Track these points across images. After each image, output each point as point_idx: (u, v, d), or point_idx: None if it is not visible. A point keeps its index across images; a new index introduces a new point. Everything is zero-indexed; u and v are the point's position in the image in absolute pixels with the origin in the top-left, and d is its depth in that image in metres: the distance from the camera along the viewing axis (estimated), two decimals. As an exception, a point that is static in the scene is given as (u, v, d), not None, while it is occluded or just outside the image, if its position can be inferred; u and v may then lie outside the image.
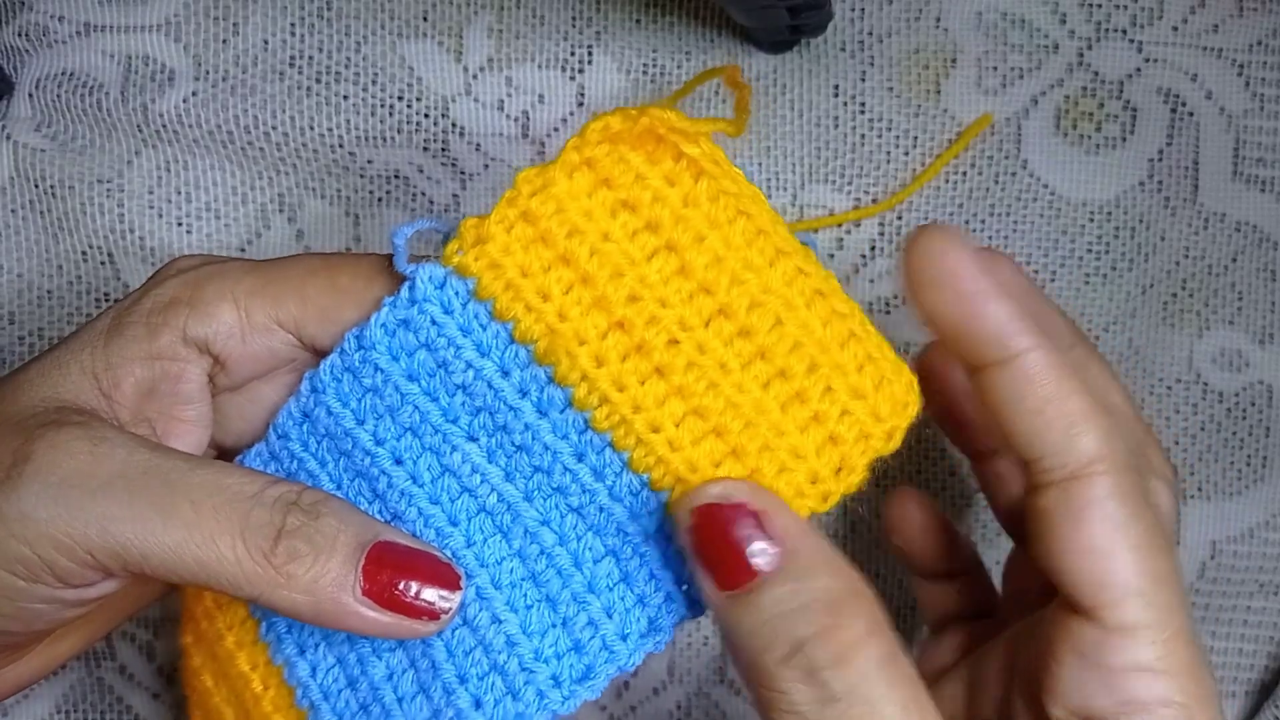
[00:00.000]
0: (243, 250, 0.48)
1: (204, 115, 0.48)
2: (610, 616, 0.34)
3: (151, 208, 0.48)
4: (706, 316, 0.33)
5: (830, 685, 0.29)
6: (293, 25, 0.48)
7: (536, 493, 0.34)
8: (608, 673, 0.34)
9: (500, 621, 0.34)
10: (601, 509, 0.34)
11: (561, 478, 0.33)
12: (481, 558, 0.34)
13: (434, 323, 0.33)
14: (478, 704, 0.34)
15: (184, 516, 0.31)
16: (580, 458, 0.33)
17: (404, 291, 0.34)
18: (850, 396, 0.33)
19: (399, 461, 0.34)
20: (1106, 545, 0.31)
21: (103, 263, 0.48)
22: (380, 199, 0.49)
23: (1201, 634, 0.49)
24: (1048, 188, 0.48)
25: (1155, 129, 0.48)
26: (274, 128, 0.48)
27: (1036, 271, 0.49)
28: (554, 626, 0.34)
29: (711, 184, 0.33)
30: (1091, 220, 0.49)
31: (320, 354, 0.36)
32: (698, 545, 0.31)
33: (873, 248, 0.49)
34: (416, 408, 0.34)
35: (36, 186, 0.48)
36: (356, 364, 0.34)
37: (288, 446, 0.36)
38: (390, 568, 0.32)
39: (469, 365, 0.33)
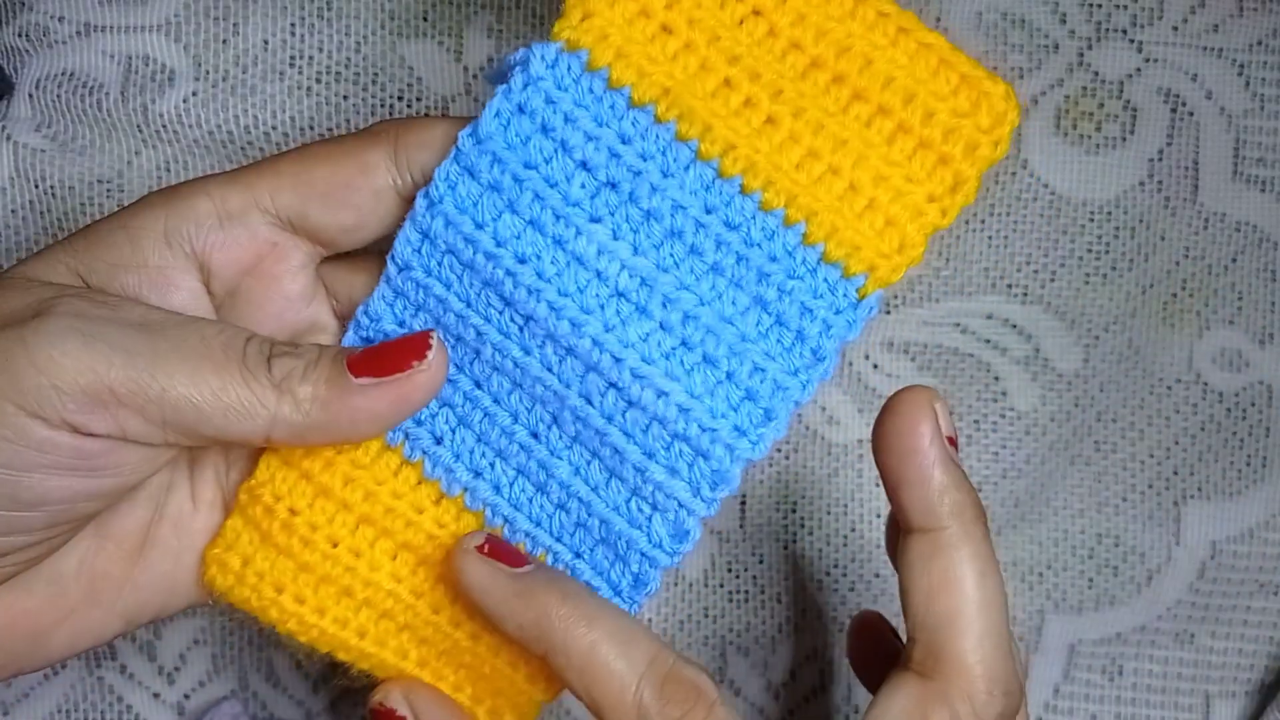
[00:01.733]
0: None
1: (204, 115, 0.48)
2: (774, 359, 0.35)
3: (151, 208, 0.48)
4: (802, 69, 0.35)
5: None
6: (293, 25, 0.48)
7: (670, 259, 0.34)
8: (787, 409, 0.35)
9: (665, 394, 0.34)
10: (740, 258, 0.35)
11: (695, 236, 0.34)
12: (624, 339, 0.34)
13: (549, 101, 0.34)
14: (673, 472, 0.35)
15: (195, 348, 0.33)
16: (710, 210, 0.34)
17: (516, 76, 0.34)
18: (951, 116, 0.35)
19: (522, 260, 0.34)
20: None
21: (102, 263, 0.48)
22: (380, 199, 0.49)
23: (1202, 634, 0.49)
24: (1048, 187, 0.48)
25: (1155, 129, 0.48)
26: (274, 128, 0.48)
27: (1036, 271, 0.49)
28: (721, 383, 0.34)
29: None
30: (1091, 220, 0.49)
31: (300, 230, 0.37)
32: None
33: (872, 248, 0.49)
34: (537, 195, 0.34)
35: (36, 187, 0.48)
36: (473, 160, 0.34)
37: (411, 276, 0.36)
38: (367, 354, 0.34)
39: (589, 138, 0.34)
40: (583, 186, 0.34)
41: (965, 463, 0.49)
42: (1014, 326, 0.49)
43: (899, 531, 0.36)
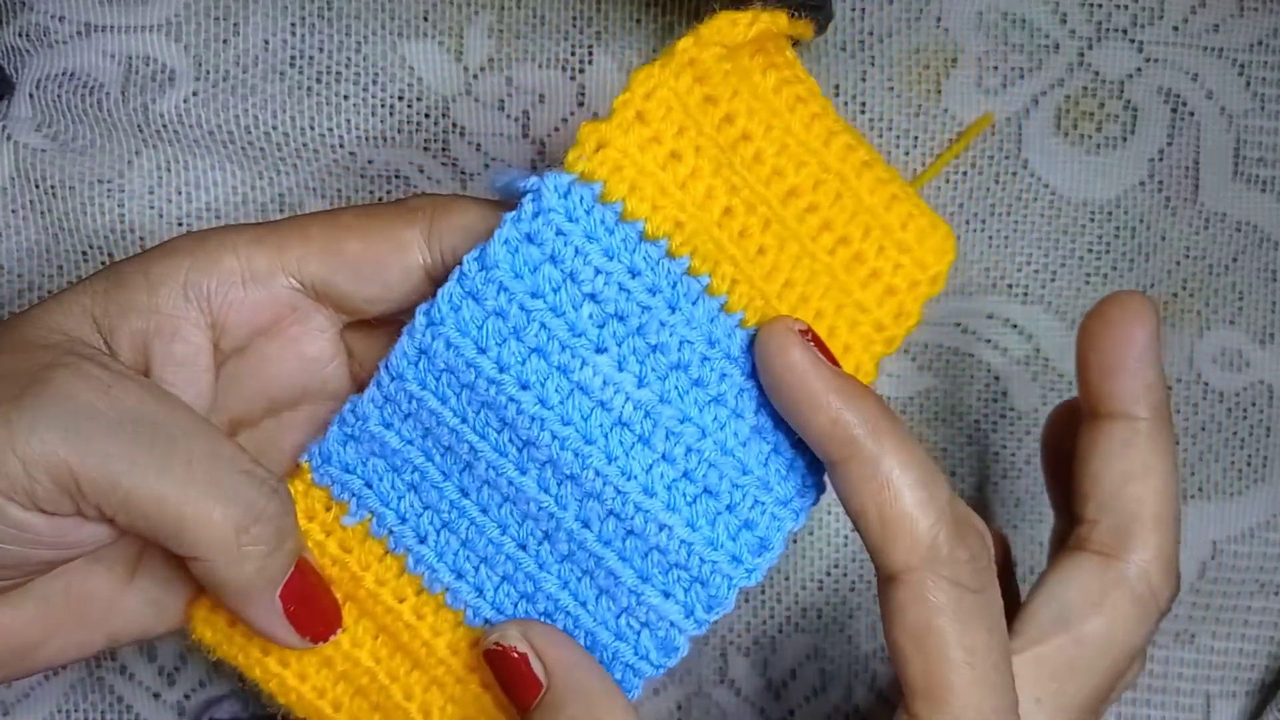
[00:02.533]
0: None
1: (204, 115, 0.48)
2: (769, 489, 0.35)
3: (152, 208, 0.48)
4: (782, 196, 0.35)
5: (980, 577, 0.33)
6: (293, 25, 0.48)
7: (673, 391, 0.34)
8: (780, 537, 0.35)
9: (667, 527, 0.34)
10: (740, 390, 0.35)
11: (699, 369, 0.34)
12: (627, 470, 0.34)
13: (559, 233, 0.33)
14: (668, 595, 0.35)
15: (178, 474, 0.33)
16: (714, 343, 0.34)
17: (526, 204, 0.33)
18: (899, 251, 0.36)
19: (525, 386, 0.34)
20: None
21: (103, 263, 0.48)
22: (381, 199, 0.49)
23: (1202, 634, 0.49)
24: (1048, 187, 0.48)
25: (1156, 129, 0.48)
26: (274, 128, 0.48)
27: (1037, 272, 0.49)
28: (720, 514, 0.35)
29: (776, 75, 0.35)
30: (1092, 220, 0.49)
31: (323, 297, 0.36)
32: (496, 677, 0.36)
33: (873, 248, 0.49)
34: (543, 325, 0.34)
35: (37, 187, 0.48)
36: (478, 287, 0.34)
37: (404, 387, 0.35)
38: (309, 583, 0.36)
39: (598, 271, 0.33)
40: (590, 317, 0.34)
41: (966, 462, 0.49)
42: (1014, 326, 0.49)
43: (1062, 427, 0.38)
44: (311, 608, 0.36)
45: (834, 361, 0.34)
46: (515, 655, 0.35)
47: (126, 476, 0.32)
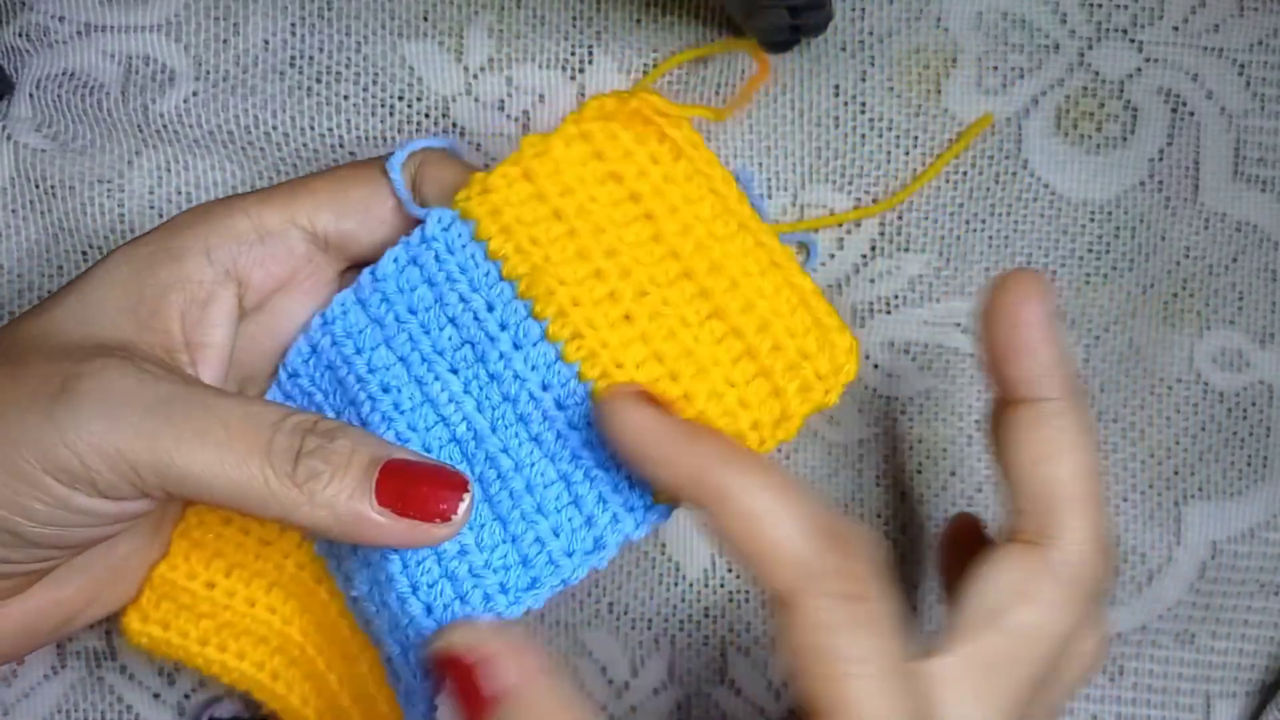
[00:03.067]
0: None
1: (204, 115, 0.48)
2: (557, 536, 0.37)
3: (152, 208, 0.48)
4: (673, 277, 0.37)
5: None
6: (293, 25, 0.48)
7: (500, 421, 0.37)
8: (552, 584, 0.36)
9: (456, 545, 0.37)
10: (559, 435, 0.37)
11: (526, 405, 0.37)
12: None
13: (437, 260, 0.38)
14: (429, 610, 0.36)
15: (218, 438, 0.34)
16: (546, 387, 0.37)
17: (416, 231, 0.38)
18: (795, 355, 0.37)
19: (386, 389, 0.38)
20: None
21: (103, 263, 0.48)
22: (380, 199, 0.49)
23: (1202, 634, 0.49)
24: (1048, 187, 0.48)
25: (1156, 129, 0.48)
26: (274, 128, 0.48)
27: (1037, 272, 0.49)
28: (503, 542, 0.37)
29: (688, 164, 0.38)
30: (1092, 220, 0.49)
31: (332, 247, 0.40)
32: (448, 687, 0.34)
33: (873, 247, 0.49)
34: (410, 337, 0.38)
35: (37, 187, 0.48)
36: (366, 295, 0.39)
37: (298, 383, 0.40)
38: (401, 479, 0.35)
39: (461, 299, 0.38)
40: (449, 339, 0.38)
41: (966, 463, 0.49)
42: (1014, 326, 0.49)
43: (999, 427, 0.37)
44: (417, 493, 0.35)
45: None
46: (466, 663, 0.34)
47: (177, 454, 0.34)
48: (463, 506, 0.35)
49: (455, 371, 0.38)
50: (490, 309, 0.37)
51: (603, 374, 0.37)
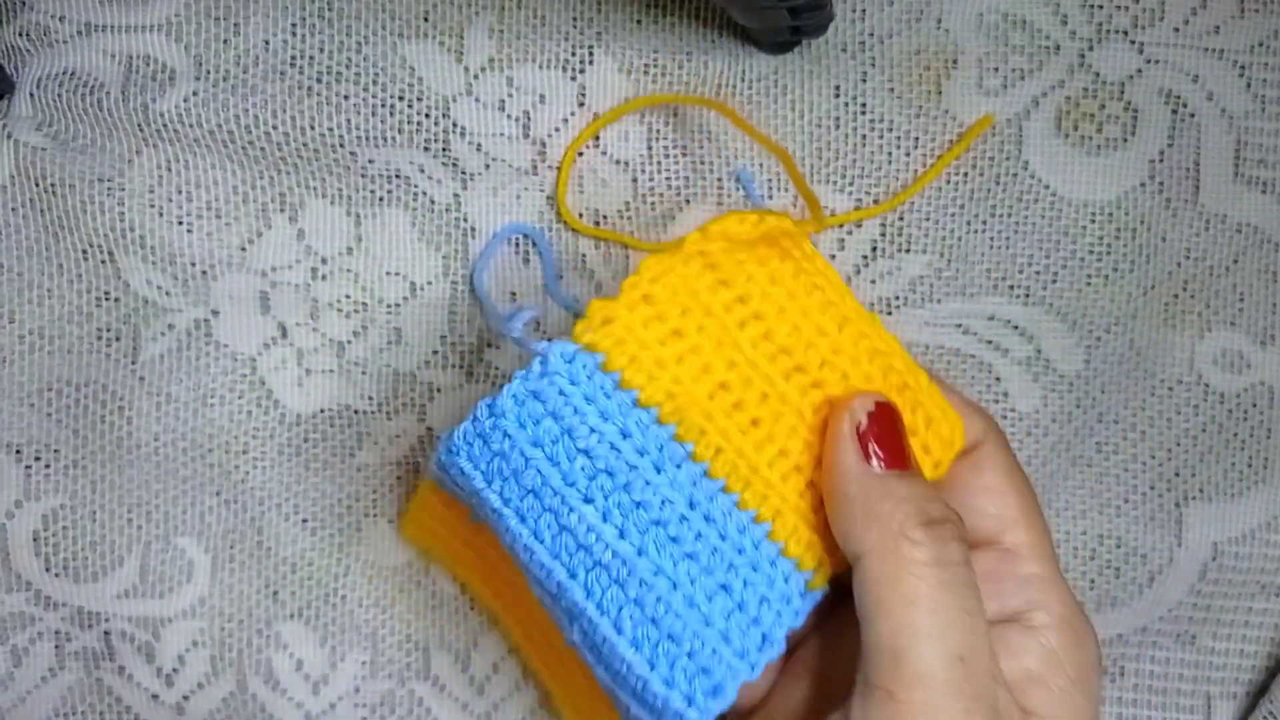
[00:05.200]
0: (244, 249, 0.48)
1: (205, 115, 0.48)
2: (728, 641, 0.37)
3: (152, 206, 0.48)
4: (786, 372, 0.38)
5: (950, 556, 0.35)
6: (294, 25, 0.48)
7: (651, 544, 0.37)
8: (735, 685, 0.37)
9: (629, 663, 0.37)
10: (714, 550, 0.37)
11: (678, 527, 0.37)
12: (602, 606, 0.37)
13: (561, 393, 0.37)
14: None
15: None
16: (694, 505, 0.37)
17: (535, 365, 0.38)
18: (910, 433, 0.38)
19: (522, 519, 0.38)
20: (1001, 485, 0.39)
21: (103, 261, 0.48)
22: (381, 199, 0.49)
23: (1203, 635, 0.49)
24: (1049, 189, 0.48)
25: (1156, 130, 0.48)
26: (275, 127, 0.48)
27: (1038, 273, 0.49)
28: (680, 658, 0.37)
29: (793, 264, 0.39)
30: (1093, 221, 0.49)
31: None
32: (874, 430, 0.37)
33: (874, 248, 0.49)
34: (539, 471, 0.37)
35: (37, 185, 0.48)
36: (487, 430, 0.38)
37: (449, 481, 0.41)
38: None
39: (593, 430, 0.37)
40: (582, 469, 0.37)
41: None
42: (1016, 327, 0.49)
43: None
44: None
45: (899, 444, 0.37)
46: (899, 420, 0.38)
47: None
48: None
49: (590, 501, 0.37)
50: (626, 436, 0.37)
51: (746, 484, 0.38)
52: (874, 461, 0.37)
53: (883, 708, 0.34)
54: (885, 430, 0.37)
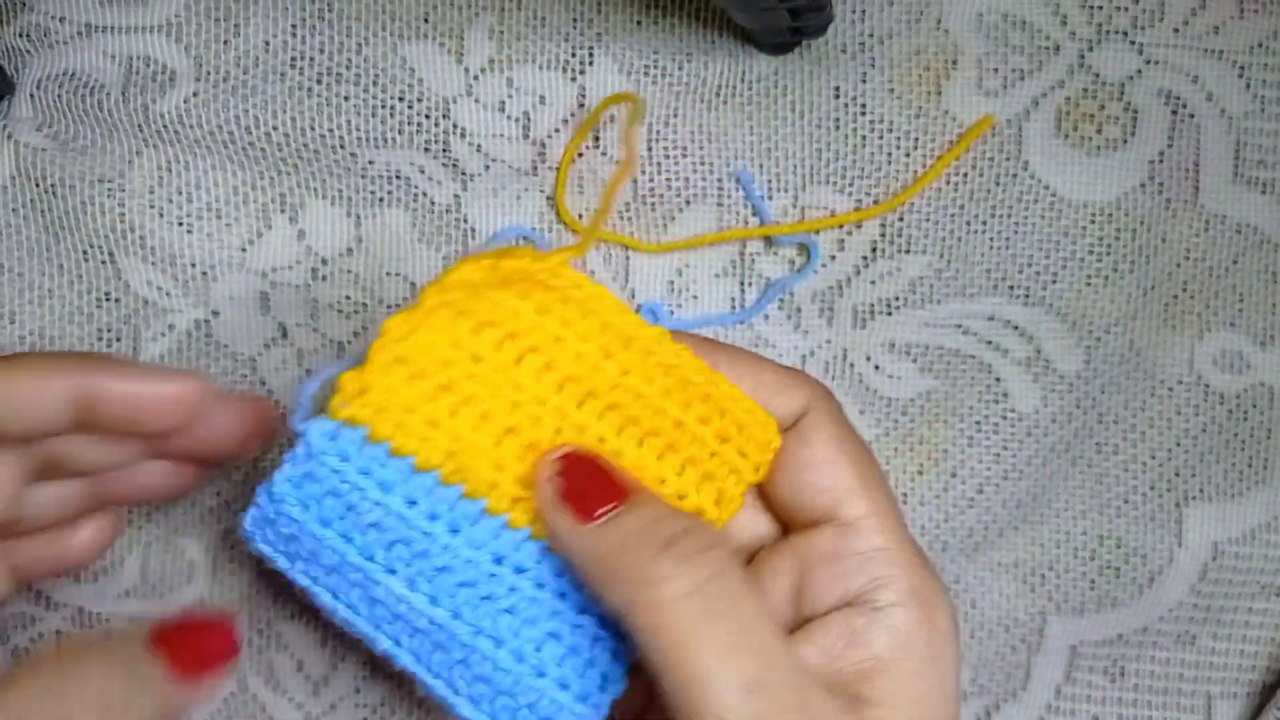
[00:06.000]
0: (244, 250, 0.48)
1: (205, 115, 0.48)
2: (566, 688, 0.36)
3: (152, 207, 0.48)
4: (578, 400, 0.37)
5: (706, 565, 0.33)
6: (294, 26, 0.48)
7: (465, 606, 0.36)
8: None
9: (470, 712, 0.36)
10: (532, 600, 0.36)
11: (488, 585, 0.36)
12: (432, 669, 0.36)
13: (335, 471, 0.35)
14: None
15: None
16: (500, 560, 0.36)
17: (300, 448, 0.36)
18: (716, 441, 0.37)
19: (335, 595, 0.37)
20: (832, 455, 0.37)
21: (103, 262, 0.48)
22: (382, 199, 0.49)
23: (1203, 635, 0.49)
24: (1049, 189, 0.48)
25: (1156, 131, 0.48)
26: (275, 128, 0.48)
27: (1038, 273, 0.49)
28: (520, 711, 0.36)
29: (558, 293, 0.37)
30: (1092, 222, 0.49)
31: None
32: (563, 488, 0.35)
33: (874, 249, 0.49)
34: (333, 550, 0.36)
35: (37, 186, 0.48)
36: (271, 516, 0.36)
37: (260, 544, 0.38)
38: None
39: (376, 504, 0.35)
40: (375, 542, 0.36)
41: (966, 464, 0.49)
42: (1015, 328, 0.49)
43: None
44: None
45: (604, 481, 0.35)
46: (592, 459, 0.36)
47: None
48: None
49: (393, 572, 0.36)
50: (412, 504, 0.36)
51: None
52: (590, 513, 0.35)
53: None
54: (583, 476, 0.35)
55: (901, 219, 0.49)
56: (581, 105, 0.48)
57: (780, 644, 0.33)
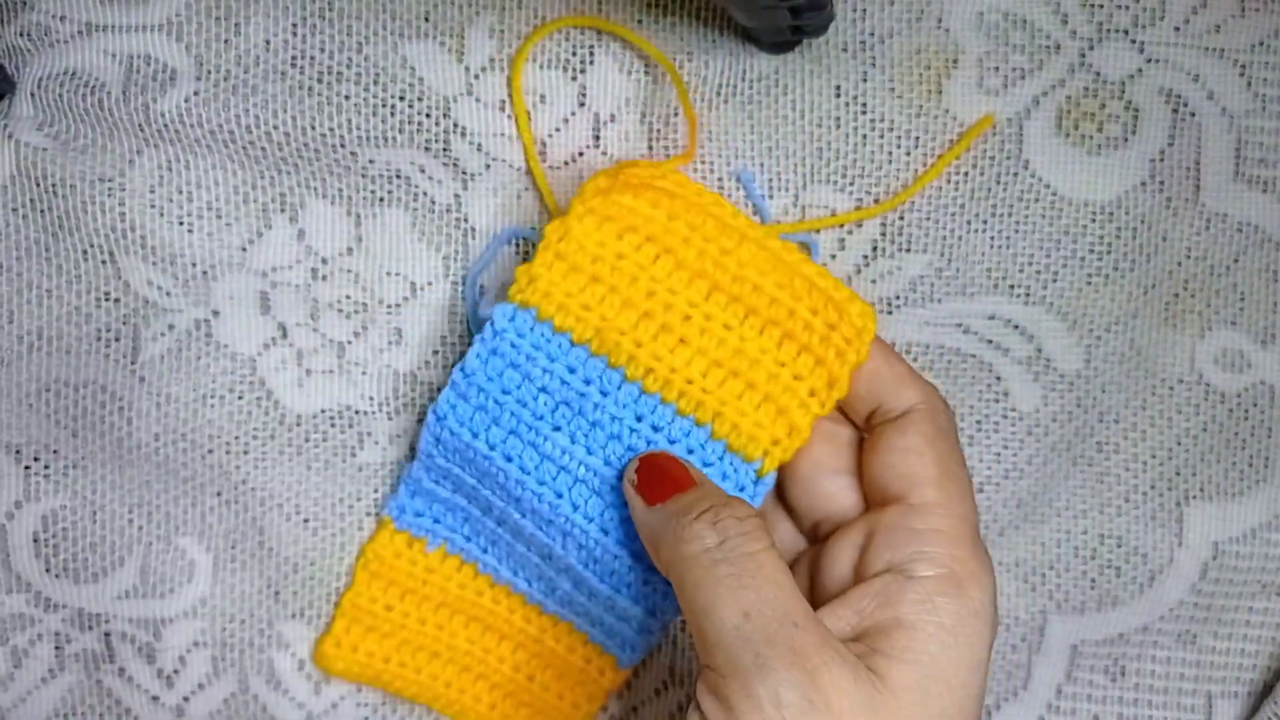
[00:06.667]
0: (244, 249, 0.48)
1: (205, 115, 0.48)
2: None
3: (153, 206, 0.48)
4: (705, 293, 0.44)
5: (729, 528, 0.39)
6: (294, 25, 0.48)
7: (613, 455, 0.44)
8: None
9: (619, 556, 0.45)
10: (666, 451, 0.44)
11: (630, 438, 0.44)
12: (588, 514, 0.44)
13: (513, 346, 0.45)
14: (632, 600, 0.46)
15: None
16: (640, 418, 0.44)
17: (486, 329, 0.45)
18: (824, 328, 0.44)
19: (509, 459, 0.45)
20: (920, 448, 0.41)
21: (104, 262, 0.48)
22: (382, 199, 0.49)
23: (1203, 634, 0.49)
24: (1049, 188, 0.49)
25: (1157, 129, 0.48)
26: (275, 127, 0.48)
27: (1039, 272, 0.49)
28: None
29: (682, 201, 0.45)
30: (1093, 221, 0.49)
31: None
32: (637, 481, 0.43)
33: (874, 248, 0.49)
34: (512, 413, 0.45)
35: (38, 185, 0.48)
36: (464, 389, 0.45)
37: (434, 461, 0.47)
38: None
39: (545, 370, 0.44)
40: (545, 404, 0.45)
41: (967, 463, 0.49)
42: (1016, 327, 0.49)
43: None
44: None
45: (667, 478, 0.43)
46: (662, 459, 0.43)
47: None
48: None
49: (559, 429, 0.44)
50: (572, 370, 0.44)
51: (679, 394, 0.44)
52: (655, 497, 0.42)
53: (705, 680, 0.38)
54: (653, 475, 0.42)
55: (902, 218, 0.49)
56: (582, 105, 0.48)
57: (779, 588, 0.38)
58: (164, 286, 0.48)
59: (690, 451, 0.44)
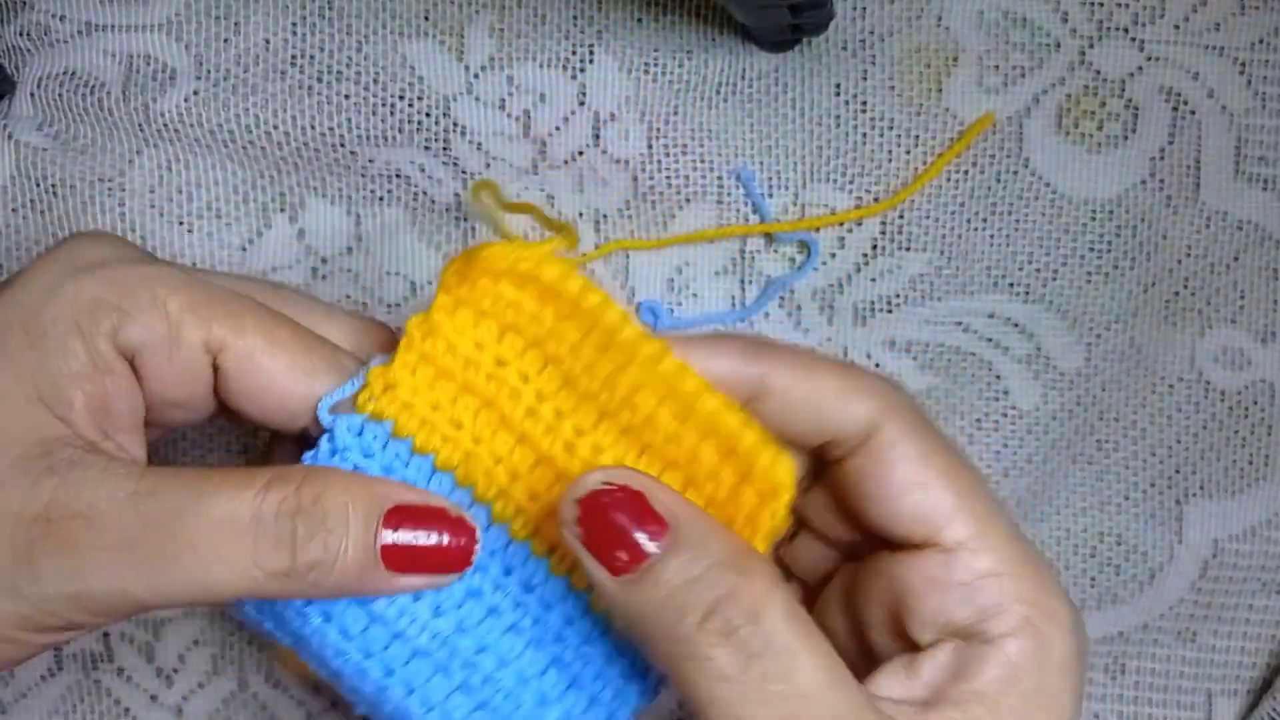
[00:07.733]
0: (244, 249, 0.48)
1: (205, 114, 0.48)
2: (569, 719, 0.35)
3: (153, 206, 0.48)
4: (594, 420, 0.35)
5: (750, 643, 0.31)
6: (294, 25, 0.48)
7: (468, 620, 0.35)
8: None
9: None
10: (535, 620, 0.35)
11: (492, 597, 0.35)
12: (426, 700, 0.34)
13: (356, 467, 0.35)
14: None
15: (190, 564, 0.32)
16: (508, 572, 0.35)
17: (323, 442, 0.35)
18: (734, 476, 0.34)
19: (328, 617, 0.35)
20: (919, 477, 0.34)
21: (104, 261, 0.48)
22: (382, 198, 0.49)
23: (1203, 632, 0.49)
24: (1049, 186, 0.49)
25: (1157, 127, 0.48)
26: (275, 127, 0.48)
27: (1038, 270, 0.49)
28: None
29: (568, 301, 0.34)
30: (1093, 219, 0.49)
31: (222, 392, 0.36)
32: (586, 538, 0.32)
33: (874, 247, 0.49)
34: None
35: (38, 185, 0.48)
36: None
37: (245, 609, 0.37)
38: (406, 552, 0.33)
39: None
40: None
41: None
42: (1016, 325, 0.49)
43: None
44: (423, 552, 0.33)
45: (630, 526, 0.32)
46: (630, 491, 0.32)
47: (150, 592, 0.32)
48: (473, 556, 0.34)
49: None
50: None
51: (553, 546, 0.35)
52: (619, 563, 0.32)
53: None
54: (604, 521, 0.32)
55: (902, 216, 0.49)
56: (582, 104, 0.48)
57: (843, 706, 0.31)
58: (164, 286, 0.48)
59: (569, 623, 0.35)
